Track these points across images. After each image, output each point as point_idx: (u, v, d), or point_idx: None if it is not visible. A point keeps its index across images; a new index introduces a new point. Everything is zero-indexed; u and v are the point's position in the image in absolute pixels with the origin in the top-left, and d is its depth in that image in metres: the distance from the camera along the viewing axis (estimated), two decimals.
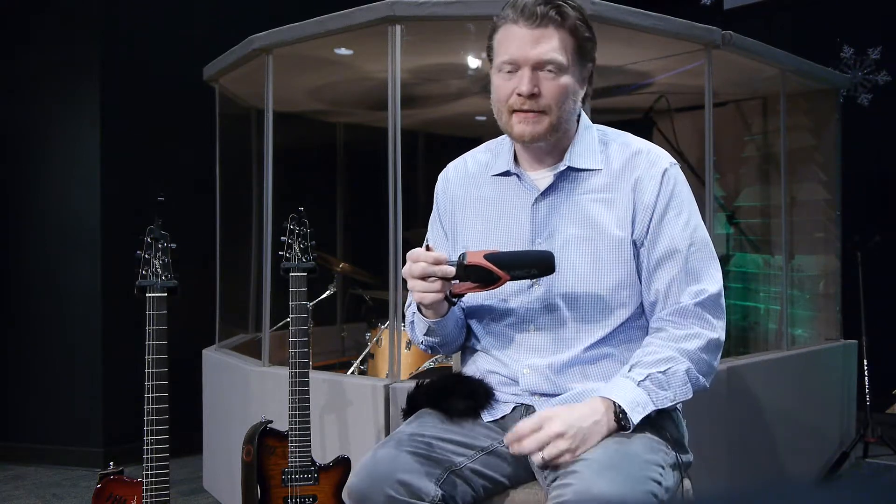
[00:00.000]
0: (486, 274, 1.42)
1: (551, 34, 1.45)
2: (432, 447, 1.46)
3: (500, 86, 1.50)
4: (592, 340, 1.50)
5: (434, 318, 1.54)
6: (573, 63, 1.48)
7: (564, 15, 1.45)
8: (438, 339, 1.59)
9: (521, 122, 1.48)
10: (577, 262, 1.51)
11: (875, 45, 4.55)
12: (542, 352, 1.52)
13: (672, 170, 1.54)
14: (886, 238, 3.82)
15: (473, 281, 1.44)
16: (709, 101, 2.93)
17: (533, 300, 1.53)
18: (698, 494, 1.58)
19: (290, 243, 2.28)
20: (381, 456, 1.42)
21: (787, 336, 3.42)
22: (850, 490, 0.53)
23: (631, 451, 1.34)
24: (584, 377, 1.50)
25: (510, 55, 1.47)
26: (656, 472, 1.33)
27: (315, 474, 2.21)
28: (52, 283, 3.74)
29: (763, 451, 3.07)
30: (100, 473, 1.99)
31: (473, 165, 1.69)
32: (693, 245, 1.51)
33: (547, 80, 1.46)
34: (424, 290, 1.44)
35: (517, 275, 1.43)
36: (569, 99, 1.49)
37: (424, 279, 1.44)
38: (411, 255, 1.46)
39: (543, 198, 1.55)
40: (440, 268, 1.43)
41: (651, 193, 1.51)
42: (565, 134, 1.54)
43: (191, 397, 3.42)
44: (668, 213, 1.51)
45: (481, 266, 1.42)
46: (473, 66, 3.33)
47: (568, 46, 1.47)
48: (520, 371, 1.53)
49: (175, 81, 3.80)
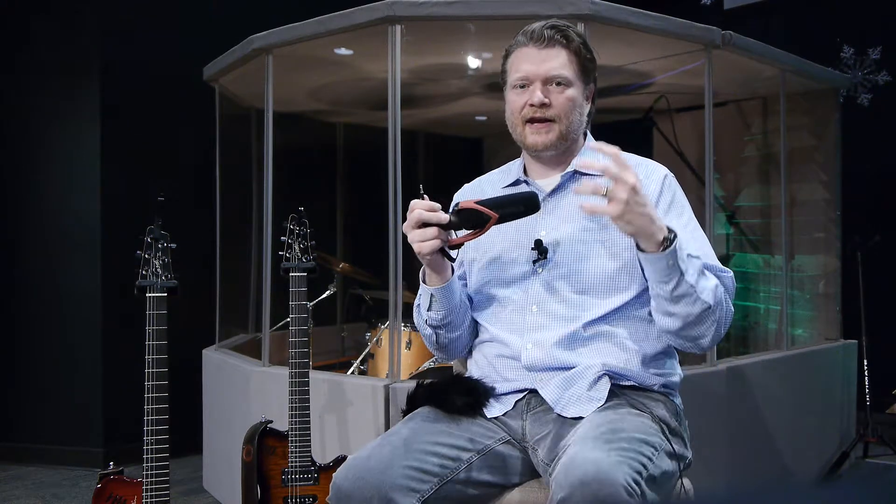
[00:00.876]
0: (476, 216, 1.51)
1: (559, 53, 1.63)
2: (426, 454, 1.47)
3: (514, 100, 1.66)
4: (594, 316, 1.56)
5: (437, 283, 1.60)
6: (578, 80, 1.65)
7: (569, 38, 1.64)
8: (443, 313, 1.63)
9: (533, 133, 1.64)
10: (581, 248, 1.60)
11: (875, 45, 4.55)
12: (543, 329, 1.58)
13: (671, 177, 1.67)
14: (886, 238, 3.82)
15: (466, 227, 1.52)
16: (709, 101, 2.93)
17: (536, 284, 1.61)
18: (698, 494, 1.58)
19: (290, 243, 2.28)
20: (372, 464, 1.44)
21: (787, 336, 3.43)
22: (850, 490, 0.53)
23: (623, 428, 1.39)
24: (585, 350, 1.55)
25: (523, 72, 1.64)
26: (648, 449, 1.37)
27: (315, 474, 2.21)
28: (52, 283, 3.74)
29: (763, 451, 3.07)
30: (100, 473, 1.99)
31: (487, 182, 1.82)
32: (696, 241, 1.59)
33: (555, 92, 1.62)
34: (423, 239, 1.52)
35: (506, 212, 1.52)
36: (575, 110, 1.64)
37: (421, 228, 1.52)
38: (410, 206, 1.55)
39: (550, 197, 1.67)
40: (435, 214, 1.52)
41: (654, 192, 1.62)
42: (573, 146, 1.69)
43: (191, 397, 3.42)
44: (671, 212, 1.61)
45: (472, 209, 1.50)
46: (473, 66, 3.33)
47: (573, 64, 1.64)
48: (523, 347, 1.58)
49: (175, 81, 3.80)
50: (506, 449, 1.54)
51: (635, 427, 1.40)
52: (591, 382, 1.51)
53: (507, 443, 1.55)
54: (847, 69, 4.59)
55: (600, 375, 1.52)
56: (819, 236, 3.82)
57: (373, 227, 3.10)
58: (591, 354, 1.55)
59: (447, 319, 1.64)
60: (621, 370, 1.54)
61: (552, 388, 1.53)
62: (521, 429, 1.55)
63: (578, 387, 1.51)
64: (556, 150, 1.65)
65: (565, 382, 1.53)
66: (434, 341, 1.71)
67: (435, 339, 1.69)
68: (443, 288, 1.61)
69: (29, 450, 3.74)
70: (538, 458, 1.50)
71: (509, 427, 1.57)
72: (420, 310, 1.70)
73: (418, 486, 1.44)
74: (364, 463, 1.44)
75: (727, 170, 4.20)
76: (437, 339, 1.69)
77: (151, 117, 3.81)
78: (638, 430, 1.39)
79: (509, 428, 1.57)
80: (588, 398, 1.50)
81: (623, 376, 1.55)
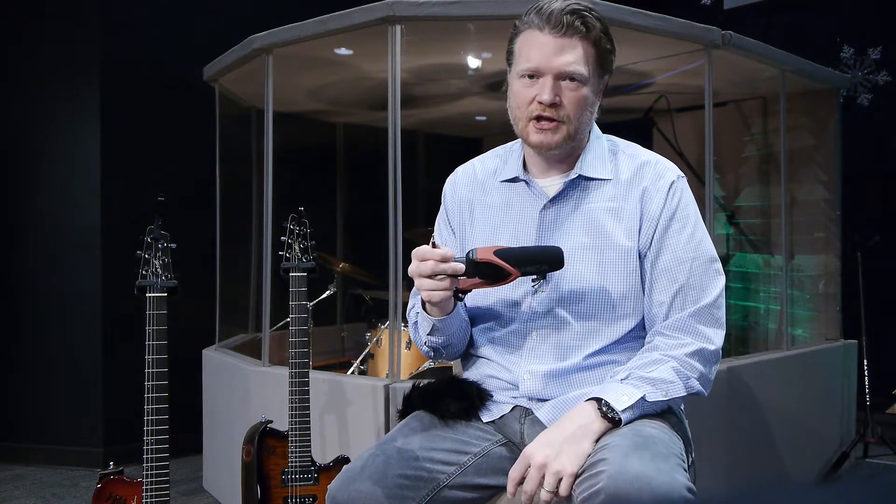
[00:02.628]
0: (496, 270, 1.41)
1: (575, 44, 1.45)
2: (420, 461, 1.44)
3: (520, 92, 1.49)
4: (594, 349, 1.49)
5: (440, 315, 1.51)
6: (593, 75, 1.48)
7: (589, 26, 1.45)
8: (443, 339, 1.57)
9: (538, 131, 1.48)
10: (582, 270, 1.49)
11: (875, 45, 4.55)
12: (544, 358, 1.51)
13: (679, 182, 1.54)
14: (886, 238, 3.82)
15: (482, 277, 1.43)
16: (709, 101, 2.93)
17: (536, 306, 1.52)
18: (698, 494, 1.58)
19: (290, 243, 2.28)
20: (367, 474, 1.41)
21: (787, 336, 3.42)
22: (850, 490, 0.53)
23: (652, 434, 1.33)
24: (584, 385, 1.49)
25: (533, 62, 1.46)
26: (679, 456, 1.32)
27: (315, 474, 2.21)
28: (52, 284, 3.74)
29: (763, 451, 3.07)
30: (100, 473, 1.99)
31: (482, 171, 1.67)
32: (696, 260, 1.49)
33: (568, 90, 1.46)
34: (433, 289, 1.42)
35: (527, 271, 1.42)
36: (587, 110, 1.50)
37: (432, 277, 1.42)
38: (417, 253, 1.44)
39: (552, 205, 1.54)
40: (450, 265, 1.41)
41: (657, 205, 1.50)
42: (578, 143, 1.54)
43: (191, 397, 3.42)
44: (672, 226, 1.50)
45: (492, 263, 1.40)
46: (473, 66, 3.33)
47: (590, 58, 1.47)
48: (520, 376, 1.52)
49: (175, 81, 3.81)
50: (502, 451, 1.51)
51: (660, 434, 1.35)
52: None
53: (503, 445, 1.52)
54: (847, 69, 4.59)
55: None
56: (819, 236, 3.82)
57: (373, 227, 3.10)
58: (591, 383, 1.48)
59: (448, 342, 1.58)
60: None
61: (548, 409, 1.48)
62: (520, 432, 1.52)
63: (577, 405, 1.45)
64: (562, 149, 1.51)
65: (562, 405, 1.47)
66: (432, 357, 1.67)
67: (432, 353, 1.64)
68: (445, 319, 1.51)
69: (29, 450, 3.74)
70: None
71: (506, 430, 1.54)
72: (419, 331, 1.62)
73: (413, 494, 1.42)
74: (358, 473, 1.42)
75: (727, 170, 4.20)
76: (436, 355, 1.64)
77: (151, 117, 3.81)
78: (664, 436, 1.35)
79: (506, 431, 1.54)
80: None
81: None
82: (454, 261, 1.42)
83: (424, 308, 1.54)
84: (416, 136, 5.00)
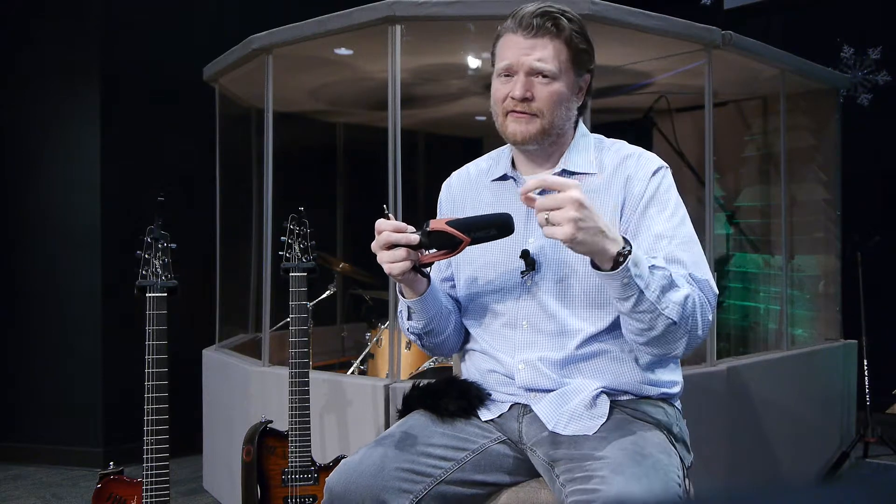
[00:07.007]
0: (448, 239, 1.45)
1: (545, 44, 1.52)
2: (418, 456, 1.47)
3: (497, 89, 1.58)
4: (585, 336, 1.50)
5: (413, 296, 1.56)
6: (566, 72, 1.54)
7: (560, 27, 1.53)
8: (422, 323, 1.60)
9: (513, 121, 1.55)
10: (569, 257, 1.51)
11: (875, 45, 4.55)
12: (536, 347, 1.53)
13: (662, 171, 1.56)
14: (886, 238, 3.82)
15: (438, 248, 1.48)
16: (709, 101, 2.93)
17: (526, 297, 1.55)
18: (698, 494, 1.58)
19: (290, 243, 2.28)
20: (364, 467, 1.44)
21: (787, 336, 3.43)
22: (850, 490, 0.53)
23: (646, 450, 1.36)
24: (579, 373, 1.51)
25: (507, 61, 1.55)
26: (675, 473, 1.36)
27: (315, 474, 2.21)
28: (52, 283, 3.74)
29: (763, 451, 3.07)
30: (100, 473, 2.00)
31: (476, 172, 1.73)
32: (675, 239, 1.48)
33: (540, 85, 1.53)
34: (391, 261, 1.46)
35: (477, 236, 1.46)
36: (561, 105, 1.54)
37: (389, 249, 1.46)
38: (376, 227, 1.49)
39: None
40: (403, 235, 1.45)
41: (639, 190, 1.52)
42: (561, 140, 1.59)
43: (191, 397, 3.42)
44: (651, 209, 1.51)
45: (443, 231, 1.45)
46: (473, 66, 3.33)
47: (562, 56, 1.53)
48: (515, 367, 1.54)
49: (175, 81, 3.81)
50: (501, 448, 1.53)
51: (656, 447, 1.40)
52: (588, 400, 1.47)
53: (502, 442, 1.54)
54: (847, 69, 4.59)
55: (598, 393, 1.49)
56: (819, 236, 3.82)
57: (373, 228, 3.10)
58: (585, 374, 1.51)
59: (428, 327, 1.61)
60: (618, 385, 1.51)
61: (546, 405, 1.49)
62: (518, 431, 1.53)
63: (575, 404, 1.47)
64: (539, 144, 1.55)
65: (560, 398, 1.49)
66: (420, 345, 1.70)
67: (420, 343, 1.68)
68: (419, 300, 1.56)
69: (29, 450, 3.74)
70: (538, 458, 1.49)
71: (505, 428, 1.55)
72: (402, 318, 1.67)
73: (411, 487, 1.44)
74: (356, 466, 1.45)
75: (727, 170, 4.20)
76: (422, 343, 1.67)
77: (151, 117, 3.81)
78: (659, 450, 1.39)
79: (505, 429, 1.55)
80: (589, 416, 1.46)
81: (620, 391, 1.52)
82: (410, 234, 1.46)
83: (401, 292, 1.59)
84: (416, 136, 5.00)
